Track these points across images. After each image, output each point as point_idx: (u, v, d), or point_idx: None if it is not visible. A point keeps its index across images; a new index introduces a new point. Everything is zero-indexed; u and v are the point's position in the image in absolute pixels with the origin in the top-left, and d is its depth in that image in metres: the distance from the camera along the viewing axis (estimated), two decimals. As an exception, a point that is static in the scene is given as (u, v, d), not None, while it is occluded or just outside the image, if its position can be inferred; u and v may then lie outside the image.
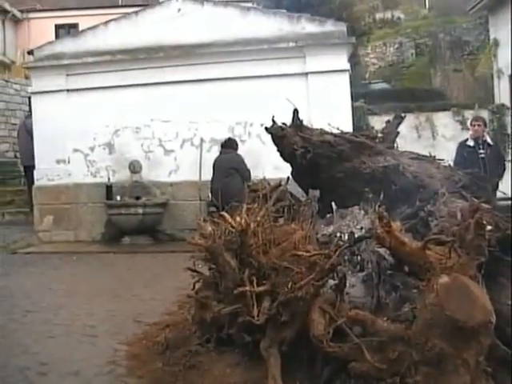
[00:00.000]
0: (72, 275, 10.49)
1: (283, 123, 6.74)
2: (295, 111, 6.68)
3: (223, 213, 5.26)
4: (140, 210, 14.34)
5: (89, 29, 15.71)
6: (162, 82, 14.68)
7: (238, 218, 4.90)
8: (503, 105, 18.40)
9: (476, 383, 3.87)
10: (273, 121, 6.78)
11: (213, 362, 4.99)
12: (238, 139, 13.11)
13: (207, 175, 12.80)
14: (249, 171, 11.53)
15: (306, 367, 4.71)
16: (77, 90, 15.24)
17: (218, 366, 4.92)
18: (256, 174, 9.96)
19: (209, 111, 14.40)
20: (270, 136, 6.81)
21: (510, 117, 16.26)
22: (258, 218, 4.99)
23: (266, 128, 6.81)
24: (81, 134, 15.14)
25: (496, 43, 29.46)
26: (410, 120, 15.28)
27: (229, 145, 12.29)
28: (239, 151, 12.27)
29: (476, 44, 31.04)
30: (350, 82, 14.64)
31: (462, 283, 3.98)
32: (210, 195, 12.17)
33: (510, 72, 22.78)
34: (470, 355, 3.84)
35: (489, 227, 4.59)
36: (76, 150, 15.37)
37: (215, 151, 13.46)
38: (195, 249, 5.40)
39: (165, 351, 5.44)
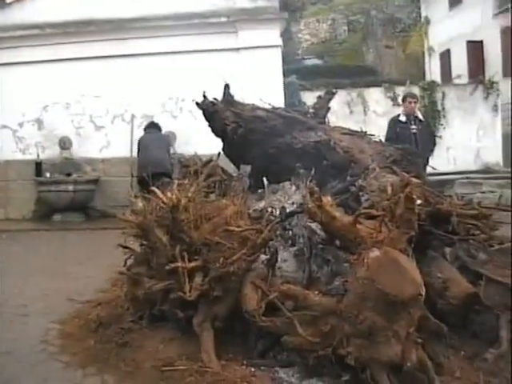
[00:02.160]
0: (2, 254, 10.27)
1: (214, 98, 6.72)
2: (226, 86, 6.66)
3: (154, 188, 5.21)
4: (71, 187, 14.14)
5: (16, 0, 15.23)
6: (93, 57, 14.47)
7: (169, 194, 4.86)
8: (434, 81, 18.75)
9: (407, 354, 3.92)
10: (204, 96, 6.75)
11: (146, 338, 4.97)
12: (169, 115, 13.04)
13: (139, 151, 12.65)
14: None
15: (239, 341, 4.74)
16: (4, 64, 14.86)
17: (151, 342, 4.89)
18: (187, 150, 9.92)
19: (140, 86, 14.26)
20: (201, 111, 6.78)
21: (440, 93, 16.52)
22: (190, 194, 4.95)
23: (197, 103, 6.78)
24: (9, 110, 14.80)
25: (427, 21, 30.00)
26: (342, 96, 15.44)
27: (153, 126, 12.25)
28: (171, 127, 12.20)
29: (408, 22, 31.52)
30: (283, 57, 14.69)
31: (392, 257, 4.02)
32: (139, 171, 11.97)
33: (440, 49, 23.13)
34: (401, 327, 3.92)
35: (419, 201, 4.66)
36: (4, 126, 15.07)
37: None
38: (127, 225, 5.35)
39: (97, 329, 5.38)
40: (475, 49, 25.54)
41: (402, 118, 9.80)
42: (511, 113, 18.28)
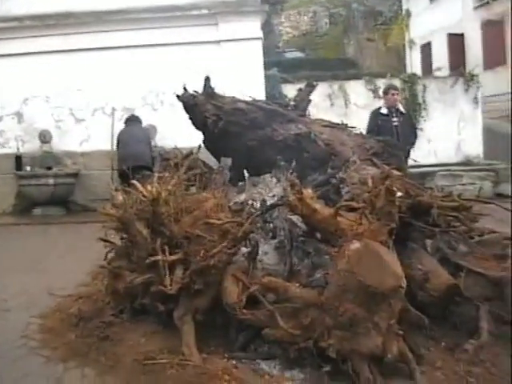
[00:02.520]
0: (-18, 248, 10.20)
1: (195, 91, 6.70)
2: (207, 79, 6.64)
3: (134, 182, 5.19)
4: (51, 181, 14.01)
5: (-6, -7, 15.09)
6: (73, 50, 14.31)
7: (149, 187, 4.85)
8: (414, 74, 18.77)
9: (388, 345, 3.97)
10: (184, 89, 6.73)
11: (127, 331, 4.97)
12: (150, 108, 12.98)
13: (120, 144, 12.57)
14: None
15: (220, 334, 4.74)
16: (-17, 57, 14.68)
17: (133, 335, 4.89)
18: (168, 143, 9.88)
19: (121, 79, 14.15)
20: (181, 104, 6.76)
21: (421, 86, 16.57)
22: (170, 187, 4.94)
23: (178, 96, 6.76)
24: (-12, 103, 14.65)
25: (408, 14, 30.10)
26: (323, 88, 15.42)
27: (134, 119, 12.17)
28: (152, 120, 12.14)
29: (389, 14, 31.59)
30: (264, 50, 14.65)
31: (372, 249, 4.05)
32: (119, 164, 11.90)
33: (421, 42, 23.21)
34: (382, 319, 3.95)
35: (399, 194, 4.68)
36: (-17, 120, 14.90)
37: (128, 120, 13.24)
38: (107, 219, 5.32)
39: (78, 323, 5.34)
40: (456, 41, 25.65)
41: (384, 111, 9.80)
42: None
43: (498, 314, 4.65)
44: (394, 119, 9.61)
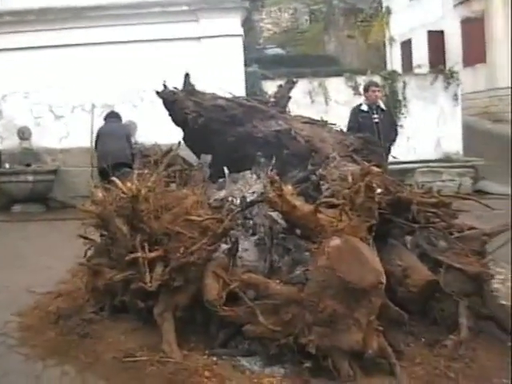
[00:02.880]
0: (-39, 246, 10.12)
1: (175, 88, 6.67)
2: (186, 75, 6.62)
3: (114, 178, 5.17)
4: (30, 178, 13.93)
5: (-29, -11, 14.94)
6: (52, 46, 14.21)
7: (129, 184, 4.83)
8: (395, 71, 18.79)
9: (368, 341, 3.99)
10: (164, 85, 6.70)
11: (107, 329, 4.96)
12: (130, 104, 12.91)
13: (99, 141, 12.49)
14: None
15: (201, 331, 4.75)
16: (-40, 52, 14.53)
17: (112, 333, 4.89)
18: (148, 140, 9.84)
19: (100, 76, 14.06)
20: (161, 101, 6.73)
21: (401, 83, 16.59)
22: (150, 184, 4.93)
23: (157, 92, 6.73)
24: (-34, 100, 14.53)
25: (388, 11, 30.17)
26: (303, 85, 15.38)
27: (114, 115, 12.08)
28: (132, 116, 12.06)
29: (369, 11, 31.62)
30: (244, 46, 14.63)
31: (352, 245, 4.07)
32: (99, 162, 11.81)
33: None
34: (362, 315, 3.97)
35: (379, 190, 4.70)
36: (-38, 117, 14.76)
37: (108, 117, 13.16)
38: (87, 216, 5.31)
39: (58, 321, 5.31)
40: (436, 39, 25.75)
41: (364, 108, 9.80)
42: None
43: (478, 309, 4.69)
44: (375, 116, 9.61)
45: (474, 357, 4.34)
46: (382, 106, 10.03)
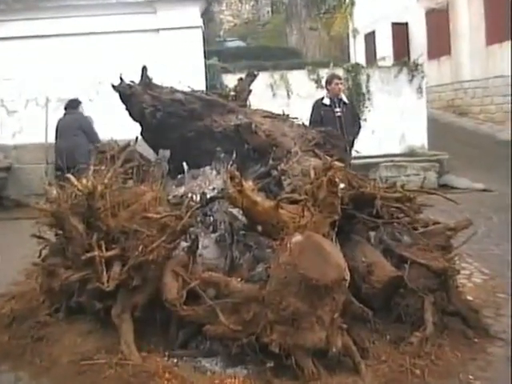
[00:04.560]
0: None
1: (132, 81, 6.57)
2: (144, 68, 6.52)
3: (69, 175, 5.05)
4: (-18, 175, 13.68)
5: None
6: (4, 37, 13.91)
7: (84, 181, 4.75)
8: (358, 64, 18.81)
9: (332, 339, 3.98)
10: (120, 78, 6.59)
11: (63, 331, 4.89)
12: (86, 98, 12.69)
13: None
14: (96, 134, 11.12)
15: (160, 332, 4.70)
16: None
17: (69, 335, 4.81)
18: (105, 135, 9.67)
19: (55, 69, 13.81)
20: (118, 94, 6.62)
21: (364, 75, 16.62)
22: (106, 180, 4.89)
23: (114, 86, 6.61)
24: None
25: (352, 2, 30.27)
26: (264, 78, 15.34)
27: (73, 105, 11.82)
28: (87, 110, 11.84)
29: (332, 3, 31.70)
30: (204, 39, 14.53)
31: (315, 241, 4.04)
32: (55, 158, 11.61)
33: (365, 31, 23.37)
34: (325, 312, 3.94)
35: (342, 185, 4.70)
36: None
37: (62, 111, 12.91)
38: (41, 214, 5.21)
39: (11, 323, 5.23)
40: (400, 31, 25.90)
41: (326, 101, 9.78)
42: None
43: (443, 305, 4.68)
44: (337, 109, 9.60)
45: (439, 353, 4.37)
46: (345, 99, 10.03)
